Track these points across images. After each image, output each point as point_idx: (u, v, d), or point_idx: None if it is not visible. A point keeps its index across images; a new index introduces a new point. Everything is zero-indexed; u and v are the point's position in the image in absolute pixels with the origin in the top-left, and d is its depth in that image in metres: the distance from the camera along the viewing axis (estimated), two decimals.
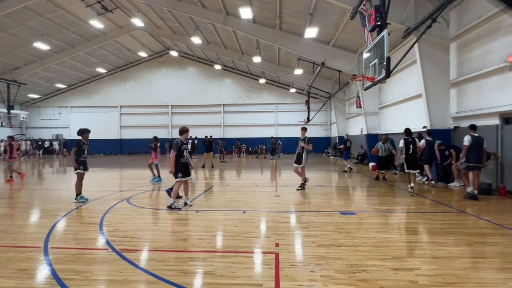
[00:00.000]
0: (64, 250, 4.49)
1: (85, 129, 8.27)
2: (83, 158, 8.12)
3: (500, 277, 3.51)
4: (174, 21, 22.60)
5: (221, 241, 4.96)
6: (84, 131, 8.22)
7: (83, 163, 8.10)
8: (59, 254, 4.31)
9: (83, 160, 8.11)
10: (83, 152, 8.09)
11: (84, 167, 8.12)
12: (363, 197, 8.99)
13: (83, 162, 8.11)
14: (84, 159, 8.14)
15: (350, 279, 3.51)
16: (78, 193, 8.02)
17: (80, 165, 8.03)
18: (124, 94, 33.88)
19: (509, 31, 8.34)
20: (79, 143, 8.04)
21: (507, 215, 6.44)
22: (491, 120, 9.28)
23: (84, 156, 8.15)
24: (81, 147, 8.03)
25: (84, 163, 8.14)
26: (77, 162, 7.98)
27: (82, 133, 8.19)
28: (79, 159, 8.03)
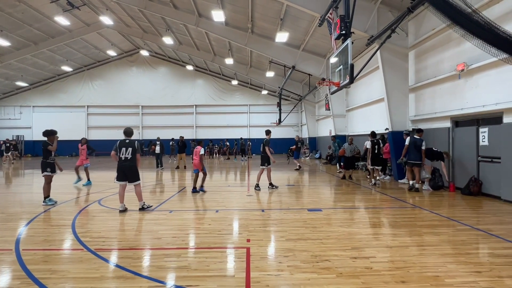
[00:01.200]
0: (37, 251, 4.52)
1: (52, 130, 8.11)
2: (51, 160, 7.98)
3: (441, 261, 4.04)
4: (145, 21, 22.31)
5: (195, 238, 5.18)
6: (50, 132, 8.06)
7: (50, 165, 7.97)
8: (32, 256, 4.34)
9: (50, 162, 7.98)
10: (50, 154, 7.96)
11: (51, 169, 7.98)
12: (330, 195, 9.52)
13: (50, 164, 7.97)
14: (51, 161, 8.00)
15: (314, 267, 3.88)
16: (46, 196, 7.87)
17: (48, 167, 7.90)
18: (91, 93, 32.81)
19: (459, 43, 9.22)
20: (46, 145, 7.90)
21: (454, 209, 7.19)
22: (444, 123, 10.17)
23: (52, 158, 8.01)
24: (47, 149, 7.89)
25: (51, 165, 8.00)
26: (44, 164, 7.86)
27: (48, 135, 8.03)
28: (46, 161, 7.90)
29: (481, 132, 8.67)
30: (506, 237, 4.98)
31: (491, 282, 3.42)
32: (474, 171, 8.88)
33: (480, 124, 8.91)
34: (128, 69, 33.08)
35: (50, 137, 8.03)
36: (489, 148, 8.40)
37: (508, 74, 7.49)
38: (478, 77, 8.66)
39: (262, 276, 3.67)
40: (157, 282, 3.55)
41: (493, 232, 5.23)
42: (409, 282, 3.43)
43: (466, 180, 8.91)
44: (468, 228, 5.55)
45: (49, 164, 7.94)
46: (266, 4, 14.77)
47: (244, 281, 3.53)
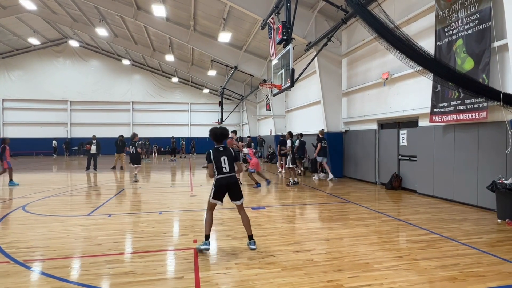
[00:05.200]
0: None
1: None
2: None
3: (370, 249, 4.56)
4: (75, 9, 20.47)
5: (139, 242, 5.02)
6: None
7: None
8: None
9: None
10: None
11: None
12: (272, 193, 9.92)
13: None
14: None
15: (260, 263, 4.09)
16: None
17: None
18: (8, 85, 29.01)
19: (384, 54, 10.32)
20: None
21: (380, 202, 8.09)
22: (371, 125, 11.30)
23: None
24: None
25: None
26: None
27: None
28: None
29: (401, 134, 9.86)
30: (421, 225, 5.79)
31: (410, 265, 3.99)
32: (395, 168, 10.05)
33: (400, 126, 10.11)
34: (54, 60, 29.95)
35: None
36: (407, 148, 9.60)
37: (423, 84, 8.64)
38: (399, 85, 9.83)
39: (211, 275, 3.76)
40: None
41: (411, 222, 6.04)
42: (345, 270, 3.83)
43: (389, 176, 10.04)
44: (391, 219, 6.32)
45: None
46: (209, 3, 14.69)
47: (193, 281, 3.58)
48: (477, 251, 4.46)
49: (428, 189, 8.64)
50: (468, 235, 5.22)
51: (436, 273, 3.75)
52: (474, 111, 7.03)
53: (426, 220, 6.18)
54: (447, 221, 6.10)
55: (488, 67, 6.65)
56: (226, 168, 4.68)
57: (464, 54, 7.26)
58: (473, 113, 7.04)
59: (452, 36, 7.59)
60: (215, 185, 4.71)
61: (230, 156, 4.73)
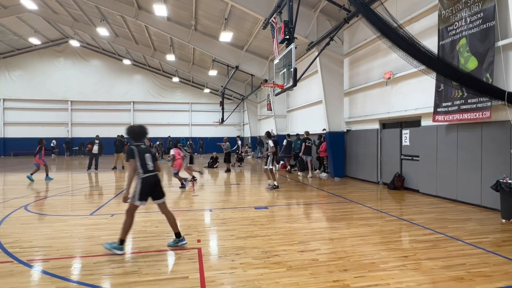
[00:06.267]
0: None
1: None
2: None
3: (376, 249, 4.54)
4: (76, 8, 20.43)
5: (143, 242, 5.00)
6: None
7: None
8: None
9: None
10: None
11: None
12: (274, 193, 9.88)
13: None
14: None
15: (265, 263, 4.07)
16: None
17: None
18: (9, 85, 28.95)
19: (386, 53, 10.30)
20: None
21: (383, 202, 8.07)
22: (373, 125, 11.27)
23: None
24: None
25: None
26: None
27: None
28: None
29: (404, 134, 9.83)
30: (425, 225, 5.77)
31: (416, 265, 3.97)
32: (398, 168, 10.02)
33: (403, 126, 10.07)
34: (55, 60, 29.91)
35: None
36: (410, 147, 9.57)
37: (426, 84, 8.62)
38: (402, 85, 9.80)
39: (216, 275, 3.74)
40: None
41: (414, 221, 6.02)
42: (351, 270, 3.81)
43: (391, 176, 10.01)
44: (395, 218, 6.30)
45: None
46: (211, 2, 14.67)
47: (198, 281, 3.56)
48: (483, 251, 4.44)
49: (431, 189, 8.61)
50: (473, 235, 5.20)
51: (442, 273, 3.72)
52: (477, 111, 7.00)
53: (430, 220, 6.16)
54: (451, 221, 6.08)
55: (492, 67, 6.62)
56: (150, 166, 4.54)
57: (467, 53, 7.24)
58: (477, 112, 7.01)
59: (455, 35, 7.56)
60: (142, 184, 4.46)
61: (151, 154, 4.63)
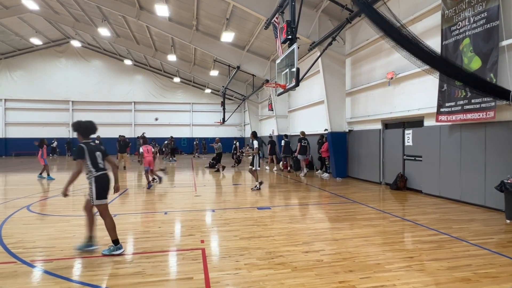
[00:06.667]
0: None
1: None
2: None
3: (380, 250, 4.52)
4: (77, 9, 20.42)
5: (146, 242, 4.97)
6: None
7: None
8: None
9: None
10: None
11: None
12: (276, 193, 9.86)
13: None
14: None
15: (270, 264, 4.05)
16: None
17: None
18: (10, 85, 28.95)
19: (389, 53, 10.27)
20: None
21: (386, 203, 8.04)
22: (376, 125, 11.24)
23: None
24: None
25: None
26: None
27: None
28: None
29: (406, 134, 9.80)
30: (429, 225, 5.74)
31: (421, 266, 3.95)
32: (400, 168, 9.99)
33: (405, 126, 10.04)
34: (56, 60, 29.91)
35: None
36: (412, 148, 9.54)
37: (429, 84, 8.59)
38: (405, 85, 9.77)
39: (221, 275, 3.71)
40: None
41: (418, 222, 5.99)
42: (356, 271, 3.79)
43: (394, 177, 9.98)
44: (399, 219, 6.27)
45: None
46: (212, 2, 14.66)
47: (203, 282, 3.54)
48: (488, 252, 4.41)
49: (434, 189, 8.58)
50: (477, 235, 5.17)
51: (448, 274, 3.70)
52: (481, 111, 6.97)
53: (434, 220, 6.13)
54: (455, 222, 6.05)
55: (496, 66, 6.59)
56: (102, 164, 4.40)
57: (471, 53, 7.21)
58: (481, 112, 6.99)
59: (458, 35, 7.53)
60: (97, 183, 4.29)
61: (102, 151, 4.45)
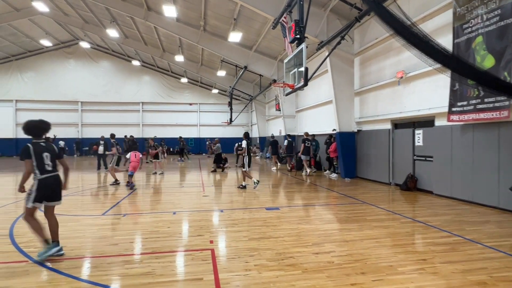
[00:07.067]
0: None
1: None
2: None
3: (392, 252, 4.44)
4: (86, 10, 20.62)
5: (155, 242, 4.97)
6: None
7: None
8: None
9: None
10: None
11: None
12: (284, 193, 9.81)
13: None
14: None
15: (280, 265, 4.00)
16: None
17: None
18: (21, 86, 29.40)
19: (398, 52, 10.13)
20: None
21: (396, 203, 7.92)
22: (385, 125, 11.11)
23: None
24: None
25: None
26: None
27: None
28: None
29: (417, 134, 9.66)
30: (441, 227, 5.63)
31: (435, 268, 3.86)
32: (410, 168, 9.85)
33: (415, 126, 9.90)
34: (65, 61, 30.29)
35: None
36: (423, 148, 9.39)
37: (440, 83, 8.45)
38: (415, 84, 9.63)
39: (231, 276, 3.69)
40: None
41: (430, 223, 5.88)
42: (368, 273, 3.72)
43: (404, 177, 9.84)
44: (410, 220, 6.16)
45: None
46: (220, 3, 14.66)
47: (213, 283, 3.51)
48: (505, 255, 4.30)
49: (445, 190, 8.43)
50: (492, 237, 5.05)
51: (463, 277, 3.61)
52: (495, 110, 6.83)
53: (446, 222, 6.01)
54: (469, 223, 5.93)
55: (510, 65, 6.44)
56: (49, 165, 4.17)
57: (484, 51, 7.06)
58: (494, 112, 6.84)
59: (471, 33, 7.38)
60: (38, 186, 4.12)
61: (53, 152, 4.23)
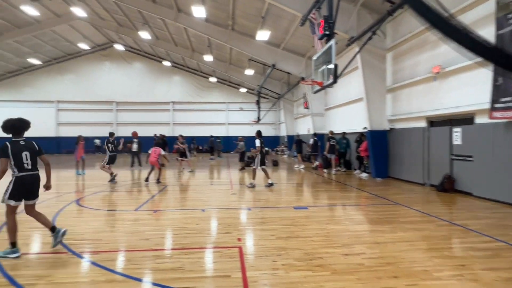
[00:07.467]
0: None
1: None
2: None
3: (428, 256, 4.22)
4: (120, 14, 21.54)
5: (185, 238, 5.07)
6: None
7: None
8: (12, 260, 4.09)
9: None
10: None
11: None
12: (313, 193, 9.67)
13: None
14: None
15: (308, 265, 3.94)
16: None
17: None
18: (61, 88, 31.25)
19: (434, 46, 9.63)
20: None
21: (431, 205, 7.54)
22: (419, 123, 10.61)
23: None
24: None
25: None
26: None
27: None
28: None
29: (455, 132, 9.13)
30: (482, 231, 5.28)
31: (475, 275, 3.62)
32: (447, 168, 9.33)
33: (453, 124, 9.36)
34: (101, 63, 31.81)
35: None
36: (462, 147, 8.86)
37: (480, 77, 7.92)
38: (453, 80, 9.10)
39: (258, 275, 3.68)
40: (153, 285, 3.47)
41: (470, 227, 5.53)
42: (401, 277, 3.56)
43: (440, 178, 9.35)
44: (447, 223, 5.84)
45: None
46: (248, 1, 14.71)
47: (241, 281, 3.52)
48: None
49: (486, 192, 7.90)
50: None
51: (507, 286, 3.36)
52: None
53: (488, 226, 5.63)
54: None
55: None
56: (28, 164, 4.19)
57: None
58: None
59: None
60: (15, 183, 4.15)
61: (32, 151, 4.25)
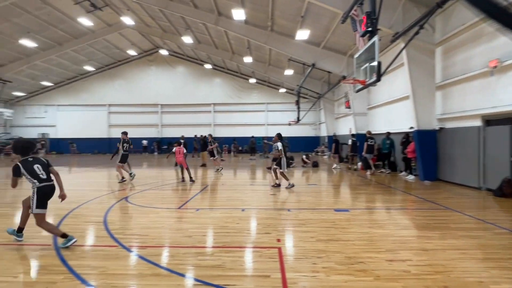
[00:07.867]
0: (74, 247, 4.64)
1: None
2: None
3: (483, 266, 3.90)
4: (165, 20, 22.59)
5: (225, 237, 5.18)
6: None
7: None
8: (70, 251, 4.47)
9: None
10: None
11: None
12: (355, 195, 9.37)
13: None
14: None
15: (349, 269, 3.83)
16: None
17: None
18: (112, 92, 33.55)
19: (491, 38, 8.86)
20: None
21: (488, 211, 6.95)
22: (474, 122, 9.82)
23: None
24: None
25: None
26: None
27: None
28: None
29: None
30: None
31: None
32: (507, 172, 8.52)
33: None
34: (148, 68, 33.62)
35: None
36: None
37: None
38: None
39: (298, 277, 3.65)
40: (195, 280, 3.60)
41: None
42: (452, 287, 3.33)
43: (498, 181, 8.56)
44: (506, 231, 5.33)
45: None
46: (287, 1, 14.65)
47: (280, 281, 3.52)
48: None
49: None
50: None
51: None
52: None
53: None
54: None
55: None
56: (43, 174, 4.70)
57: None
58: None
59: None
60: (39, 194, 4.60)
61: (43, 164, 4.78)
